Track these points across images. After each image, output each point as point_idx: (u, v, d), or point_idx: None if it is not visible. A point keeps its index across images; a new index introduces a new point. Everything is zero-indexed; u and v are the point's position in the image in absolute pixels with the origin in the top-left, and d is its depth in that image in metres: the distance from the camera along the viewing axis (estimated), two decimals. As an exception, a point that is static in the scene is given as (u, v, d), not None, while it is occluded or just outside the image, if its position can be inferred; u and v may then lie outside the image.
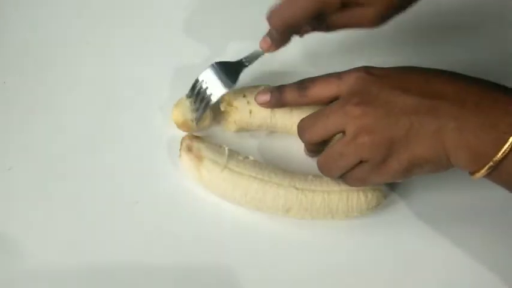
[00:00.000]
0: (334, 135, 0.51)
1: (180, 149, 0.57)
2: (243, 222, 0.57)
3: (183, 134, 0.59)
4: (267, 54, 0.57)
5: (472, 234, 0.58)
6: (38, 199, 0.58)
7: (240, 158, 0.57)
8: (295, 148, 0.60)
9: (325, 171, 0.53)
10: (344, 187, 0.55)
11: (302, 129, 0.53)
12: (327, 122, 0.50)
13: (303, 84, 0.53)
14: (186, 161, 0.57)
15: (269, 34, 0.55)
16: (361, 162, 0.50)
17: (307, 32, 0.56)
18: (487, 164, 0.44)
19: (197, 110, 0.58)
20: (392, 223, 0.58)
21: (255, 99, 0.57)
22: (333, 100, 0.51)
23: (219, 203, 0.58)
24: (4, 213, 0.57)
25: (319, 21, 0.53)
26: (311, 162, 0.58)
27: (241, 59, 0.57)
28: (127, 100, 0.63)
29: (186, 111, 0.58)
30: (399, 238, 0.58)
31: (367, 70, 0.50)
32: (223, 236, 0.57)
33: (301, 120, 0.53)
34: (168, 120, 0.59)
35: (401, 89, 0.47)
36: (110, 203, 0.58)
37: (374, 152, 0.48)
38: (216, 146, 0.58)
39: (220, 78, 0.57)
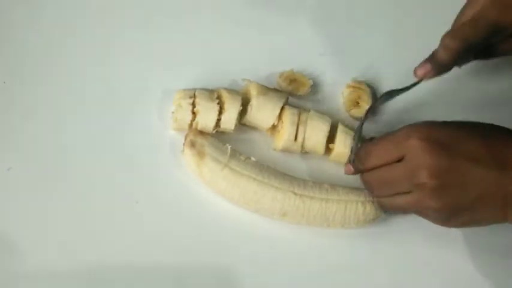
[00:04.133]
0: None
1: (184, 144, 0.57)
2: (243, 223, 0.57)
3: (184, 134, 0.59)
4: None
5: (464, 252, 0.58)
6: (37, 199, 0.58)
7: (242, 158, 0.57)
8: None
9: (377, 201, 0.55)
10: (343, 197, 0.56)
11: (370, 187, 0.53)
12: (394, 188, 0.51)
13: (360, 156, 0.54)
14: (188, 156, 0.57)
15: (431, 59, 0.55)
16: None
17: (468, 60, 0.57)
18: None
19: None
20: (391, 232, 0.59)
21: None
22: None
23: (219, 203, 0.58)
24: (4, 214, 0.57)
25: (488, 46, 0.56)
26: (315, 167, 0.59)
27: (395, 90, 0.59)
28: (127, 99, 0.63)
29: None
30: (396, 244, 0.59)
31: (428, 137, 0.49)
32: (223, 236, 0.57)
33: (368, 178, 0.53)
34: (169, 119, 0.60)
35: (471, 160, 0.48)
36: (110, 203, 0.58)
37: (437, 216, 0.50)
38: (220, 144, 0.57)
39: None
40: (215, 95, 0.59)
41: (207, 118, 0.58)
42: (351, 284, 0.57)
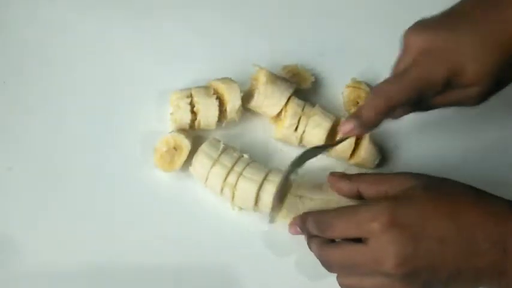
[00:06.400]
0: None
1: None
2: (243, 223, 0.57)
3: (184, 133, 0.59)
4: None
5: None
6: (37, 199, 0.58)
7: (235, 155, 0.56)
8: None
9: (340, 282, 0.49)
10: (343, 198, 0.54)
11: (329, 265, 0.49)
12: (357, 271, 0.47)
13: (323, 225, 0.48)
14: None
15: (357, 117, 0.50)
16: None
17: (406, 112, 0.53)
18: None
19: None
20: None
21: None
22: None
23: (219, 204, 0.58)
24: (4, 213, 0.57)
25: (420, 101, 0.51)
26: (314, 166, 0.58)
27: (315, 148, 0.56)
28: (127, 99, 0.63)
29: None
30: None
31: (392, 222, 0.44)
32: (223, 236, 0.57)
33: (329, 256, 0.48)
34: (167, 120, 0.60)
35: (437, 241, 0.44)
36: (109, 203, 0.58)
37: None
38: (214, 140, 0.57)
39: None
40: (211, 91, 0.59)
41: (208, 115, 0.58)
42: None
